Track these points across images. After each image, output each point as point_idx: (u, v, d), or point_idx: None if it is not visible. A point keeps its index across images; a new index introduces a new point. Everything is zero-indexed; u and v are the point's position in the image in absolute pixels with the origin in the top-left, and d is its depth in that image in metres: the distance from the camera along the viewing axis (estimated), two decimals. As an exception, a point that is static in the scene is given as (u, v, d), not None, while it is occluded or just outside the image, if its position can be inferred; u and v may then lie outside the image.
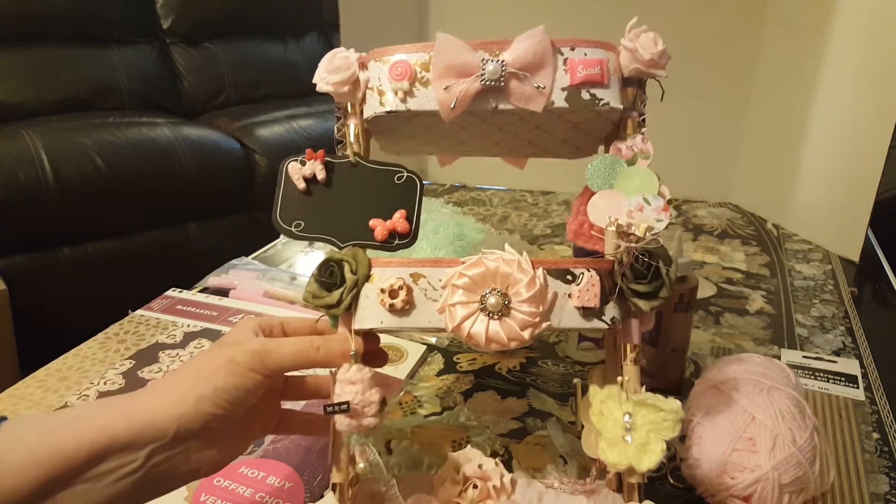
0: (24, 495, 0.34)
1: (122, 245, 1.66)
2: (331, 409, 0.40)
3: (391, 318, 0.41)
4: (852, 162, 0.93)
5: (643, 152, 0.45)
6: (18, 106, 1.81)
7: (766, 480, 0.45)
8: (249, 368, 0.40)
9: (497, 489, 0.44)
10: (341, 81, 0.44)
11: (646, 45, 0.43)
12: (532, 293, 0.39)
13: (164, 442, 0.37)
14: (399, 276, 0.41)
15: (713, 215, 1.14)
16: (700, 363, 0.68)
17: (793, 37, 1.01)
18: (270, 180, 1.89)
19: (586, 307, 0.41)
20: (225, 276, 0.87)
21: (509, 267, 0.39)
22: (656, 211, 0.42)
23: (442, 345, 0.72)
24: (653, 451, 0.39)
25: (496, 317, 0.39)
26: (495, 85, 0.41)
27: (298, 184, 0.44)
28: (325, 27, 2.54)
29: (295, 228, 0.44)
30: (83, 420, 0.36)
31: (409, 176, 0.45)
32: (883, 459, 0.54)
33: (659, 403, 0.40)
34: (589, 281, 0.41)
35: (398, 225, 0.43)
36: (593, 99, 0.43)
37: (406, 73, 0.42)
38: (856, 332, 0.75)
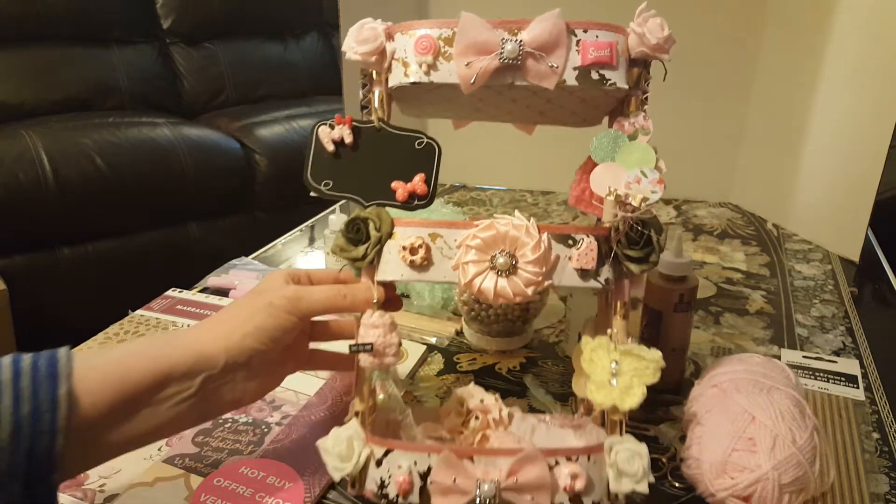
0: (103, 412, 0.39)
1: (122, 245, 1.66)
2: (356, 348, 0.46)
3: (410, 272, 0.46)
4: (852, 162, 0.93)
5: (643, 129, 0.48)
6: (18, 106, 1.81)
7: (766, 480, 0.45)
8: (286, 311, 0.46)
9: (496, 421, 0.50)
10: (369, 52, 0.47)
11: (653, 29, 0.46)
12: (537, 255, 0.44)
13: (215, 372, 0.43)
14: (419, 236, 0.46)
15: (713, 215, 1.14)
16: (700, 363, 0.68)
17: (793, 37, 1.01)
18: (270, 180, 1.89)
19: (584, 269, 0.45)
20: (225, 276, 0.87)
21: (518, 231, 0.44)
22: (652, 183, 0.46)
23: (442, 345, 0.72)
24: (634, 394, 0.44)
25: (504, 275, 0.44)
26: (513, 63, 0.45)
27: (328, 146, 0.48)
28: (325, 27, 2.54)
29: (324, 187, 0.48)
30: (148, 351, 0.42)
31: (428, 142, 0.48)
32: (883, 459, 0.54)
33: (643, 353, 0.45)
34: (588, 245, 0.45)
35: (418, 187, 0.47)
36: (602, 79, 0.46)
37: (430, 47, 0.46)
38: (856, 332, 0.75)
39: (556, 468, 0.43)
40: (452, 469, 0.42)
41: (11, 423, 0.36)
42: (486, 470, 0.42)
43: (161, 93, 2.13)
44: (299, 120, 2.05)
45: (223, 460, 0.53)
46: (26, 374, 0.37)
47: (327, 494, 0.51)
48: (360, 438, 0.45)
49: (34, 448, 0.36)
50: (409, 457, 0.44)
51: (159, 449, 0.55)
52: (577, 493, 0.43)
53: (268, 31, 2.41)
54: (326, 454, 0.45)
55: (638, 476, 0.43)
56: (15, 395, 0.36)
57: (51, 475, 0.37)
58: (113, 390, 0.40)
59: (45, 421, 0.36)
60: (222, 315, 0.46)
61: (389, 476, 0.44)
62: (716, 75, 1.10)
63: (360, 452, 0.44)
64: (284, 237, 1.06)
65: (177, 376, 0.42)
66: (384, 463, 0.44)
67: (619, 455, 0.43)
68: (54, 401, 0.37)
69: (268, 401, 0.61)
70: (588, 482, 0.43)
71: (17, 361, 0.38)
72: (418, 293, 0.78)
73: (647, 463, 0.43)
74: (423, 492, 0.43)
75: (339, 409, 0.60)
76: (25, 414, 0.36)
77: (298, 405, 0.60)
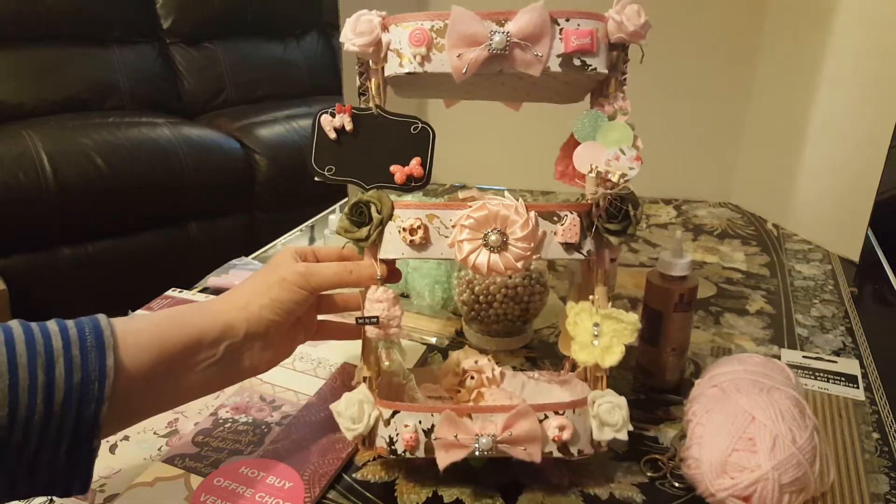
0: (143, 376, 0.42)
1: (122, 245, 1.66)
2: (362, 320, 0.50)
3: (410, 251, 0.50)
4: (852, 162, 0.93)
5: (622, 109, 0.51)
6: (18, 106, 1.81)
7: (766, 480, 0.45)
8: (297, 286, 0.49)
9: (489, 379, 0.55)
10: (366, 43, 0.49)
11: (630, 16, 0.49)
12: (525, 233, 0.47)
13: (237, 340, 0.47)
14: (417, 217, 0.49)
15: (713, 215, 1.14)
16: (700, 363, 0.68)
17: (793, 37, 1.01)
18: (270, 180, 1.89)
19: (568, 242, 0.49)
20: (225, 276, 0.87)
21: (507, 211, 0.48)
22: (630, 160, 0.49)
23: (442, 345, 0.72)
24: (614, 353, 0.49)
25: (496, 251, 0.48)
26: (501, 53, 0.47)
27: (330, 134, 0.51)
28: (325, 27, 2.54)
29: (328, 173, 0.51)
30: (182, 319, 0.46)
31: (423, 126, 0.51)
32: (883, 459, 0.54)
33: (621, 317, 0.50)
34: (571, 221, 0.49)
35: (414, 171, 0.50)
36: (583, 65, 0.49)
37: (424, 39, 0.48)
38: (856, 332, 0.75)
39: (546, 421, 0.48)
40: (453, 426, 0.47)
41: (64, 390, 0.38)
42: (483, 425, 0.47)
43: (161, 93, 2.13)
44: (299, 120, 2.05)
45: (223, 460, 0.53)
46: (75, 343, 0.39)
47: (327, 494, 0.51)
48: (369, 402, 0.50)
49: (81, 414, 0.39)
50: (414, 416, 0.49)
51: (159, 449, 0.55)
52: (565, 443, 0.48)
53: (268, 31, 2.41)
54: (339, 416, 0.50)
55: (618, 426, 0.49)
56: (67, 364, 0.38)
57: (92, 439, 0.40)
58: (153, 355, 0.43)
59: (94, 389, 0.39)
60: (240, 289, 0.50)
61: (397, 434, 0.49)
62: (716, 75, 1.10)
63: (369, 414, 0.49)
64: (284, 237, 1.06)
65: (206, 343, 0.46)
66: (392, 423, 0.49)
67: (601, 407, 0.49)
68: (102, 370, 0.39)
69: (268, 401, 0.61)
70: (574, 432, 0.48)
71: (65, 330, 0.40)
72: (418, 293, 0.78)
73: (626, 414, 0.49)
74: (427, 446, 0.48)
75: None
76: (76, 382, 0.38)
77: (298, 405, 0.60)
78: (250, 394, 0.62)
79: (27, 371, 0.37)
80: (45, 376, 0.37)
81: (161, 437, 0.56)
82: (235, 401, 0.61)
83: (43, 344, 0.38)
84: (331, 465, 0.53)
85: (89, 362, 0.39)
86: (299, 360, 0.68)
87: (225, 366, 0.47)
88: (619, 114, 0.51)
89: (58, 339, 0.39)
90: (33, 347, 0.38)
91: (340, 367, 0.67)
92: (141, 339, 0.43)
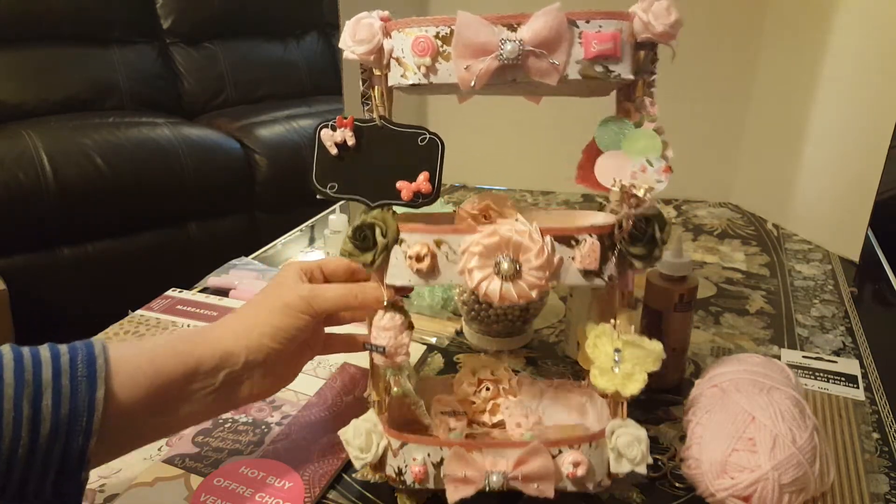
0: (135, 407, 0.41)
1: (122, 245, 1.66)
2: (369, 347, 0.48)
3: (417, 278, 0.46)
4: (852, 162, 0.93)
5: (649, 115, 0.46)
6: (18, 106, 1.81)
7: (766, 480, 0.45)
8: (300, 311, 0.48)
9: (506, 390, 0.53)
10: (367, 52, 0.46)
11: (659, 14, 0.44)
12: (541, 261, 0.43)
13: (237, 368, 0.46)
14: (424, 243, 0.45)
15: (713, 215, 1.14)
16: (700, 363, 0.68)
17: (793, 37, 1.01)
18: (270, 180, 1.89)
19: (588, 270, 0.45)
20: (225, 276, 0.87)
21: (521, 237, 0.43)
22: (658, 172, 0.45)
23: (442, 345, 0.72)
24: (636, 380, 0.45)
25: (508, 279, 0.44)
26: (513, 63, 0.43)
27: (331, 149, 0.47)
28: (325, 27, 2.54)
29: (330, 190, 0.48)
30: (178, 347, 0.44)
31: (431, 138, 0.47)
32: (883, 459, 0.54)
33: (645, 344, 0.46)
34: (590, 247, 0.45)
35: (422, 187, 0.47)
36: (606, 71, 0.44)
37: (428, 48, 0.44)
38: (856, 332, 0.75)
39: (560, 456, 0.46)
40: (463, 462, 0.45)
41: (50, 423, 0.37)
42: (494, 461, 0.45)
43: (161, 93, 2.13)
44: (299, 120, 2.05)
45: (223, 460, 0.53)
46: (65, 372, 0.38)
47: (327, 494, 0.51)
48: (377, 431, 0.48)
49: (68, 447, 0.38)
50: (423, 449, 0.47)
51: (159, 449, 0.55)
52: (580, 478, 0.46)
53: (268, 31, 2.41)
54: (348, 445, 0.49)
55: (637, 460, 0.46)
56: (55, 396, 0.37)
57: (80, 472, 0.39)
58: (146, 385, 0.41)
59: (82, 423, 0.38)
60: (241, 314, 0.49)
61: (406, 465, 0.47)
62: (716, 75, 1.10)
63: (378, 444, 0.48)
64: (284, 237, 1.06)
65: (203, 372, 0.44)
66: (400, 454, 0.47)
67: (620, 439, 0.46)
68: (92, 404, 0.38)
69: (268, 401, 0.61)
70: (589, 468, 0.46)
71: (56, 358, 0.39)
72: (418, 293, 0.78)
73: (647, 447, 0.46)
74: (437, 479, 0.47)
75: (339, 409, 0.60)
76: (64, 415, 0.37)
77: (298, 405, 0.60)
78: (250, 394, 0.62)
79: (12, 402, 0.36)
80: (31, 408, 0.37)
81: (161, 437, 0.56)
82: (235, 401, 0.61)
83: (32, 373, 0.37)
84: (331, 465, 0.53)
85: (79, 394, 0.38)
86: (299, 360, 0.68)
87: (223, 394, 0.46)
88: (646, 120, 0.46)
89: (48, 369, 0.38)
90: (21, 377, 0.37)
91: (340, 367, 0.67)
92: (135, 366, 0.42)
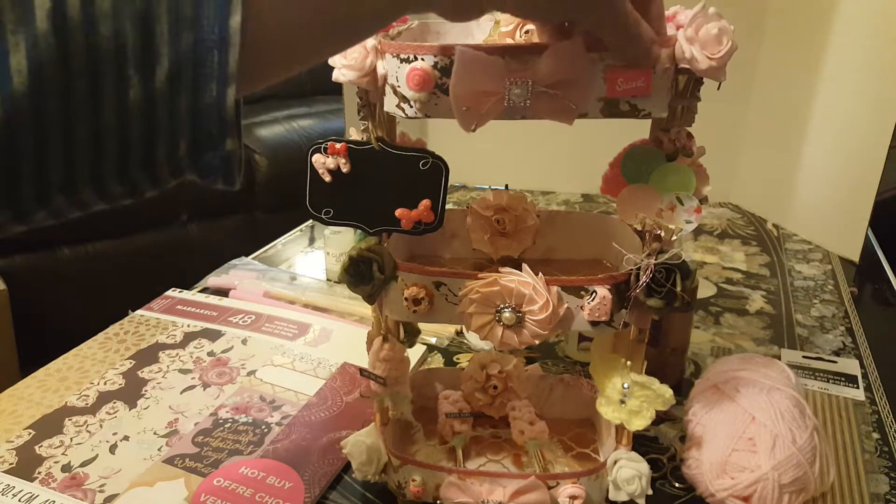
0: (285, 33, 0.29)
1: (122, 245, 1.66)
2: (367, 374, 0.48)
3: (415, 317, 0.44)
4: (852, 162, 0.93)
5: (685, 149, 0.41)
6: (18, 106, 1.81)
7: (766, 480, 0.45)
8: None
9: (513, 388, 0.52)
10: (358, 77, 0.41)
11: (707, 42, 0.37)
12: (545, 315, 0.41)
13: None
14: (422, 285, 0.43)
15: (713, 215, 1.14)
16: (700, 363, 0.68)
17: (793, 36, 1.01)
18: (270, 180, 1.89)
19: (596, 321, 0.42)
20: (225, 276, 0.87)
21: (524, 289, 0.41)
22: (689, 212, 0.40)
23: (442, 345, 0.72)
24: (644, 417, 0.44)
25: (510, 328, 0.42)
26: (522, 105, 0.38)
27: (324, 177, 0.43)
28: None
29: (325, 216, 0.44)
30: None
31: (434, 162, 0.42)
32: (883, 459, 0.54)
33: (654, 386, 0.44)
34: (601, 300, 0.41)
35: (423, 216, 0.43)
36: (633, 109, 0.39)
37: (425, 82, 0.38)
38: (856, 332, 0.75)
39: (556, 489, 0.46)
40: (459, 490, 0.46)
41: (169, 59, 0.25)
42: (491, 489, 0.46)
43: (161, 93, 2.13)
44: (299, 120, 2.05)
45: (223, 460, 0.53)
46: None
47: (327, 494, 0.51)
48: (377, 449, 0.49)
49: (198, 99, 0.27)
50: (421, 471, 0.48)
51: (159, 449, 0.55)
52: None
53: (268, 31, 2.41)
54: (350, 457, 0.49)
55: (636, 493, 0.46)
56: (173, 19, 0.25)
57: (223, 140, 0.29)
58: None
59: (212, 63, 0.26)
60: None
61: (406, 482, 0.48)
62: (716, 75, 1.10)
63: (378, 460, 0.49)
64: (284, 237, 1.06)
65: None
66: (400, 471, 0.49)
67: (622, 472, 0.46)
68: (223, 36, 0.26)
69: (268, 401, 0.61)
70: (586, 499, 0.46)
71: None
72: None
73: (647, 481, 0.46)
74: (435, 496, 0.48)
75: (339, 409, 0.60)
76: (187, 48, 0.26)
77: (298, 405, 0.60)
78: (250, 394, 0.62)
79: None
80: None
81: (161, 437, 0.56)
82: (235, 401, 0.61)
83: None
84: (331, 465, 0.53)
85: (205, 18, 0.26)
86: (299, 360, 0.68)
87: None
88: (681, 154, 0.41)
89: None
90: None
91: (340, 367, 0.67)
92: None
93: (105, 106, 0.25)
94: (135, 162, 0.27)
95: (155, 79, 0.26)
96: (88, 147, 0.26)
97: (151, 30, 0.25)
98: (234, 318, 0.76)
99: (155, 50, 0.25)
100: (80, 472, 0.52)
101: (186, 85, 0.26)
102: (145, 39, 0.25)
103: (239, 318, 0.76)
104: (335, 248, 0.87)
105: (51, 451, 0.54)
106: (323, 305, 0.80)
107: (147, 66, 0.25)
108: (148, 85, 0.26)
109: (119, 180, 0.28)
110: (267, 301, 0.81)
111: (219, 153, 0.29)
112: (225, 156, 0.29)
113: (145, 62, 0.25)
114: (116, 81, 0.25)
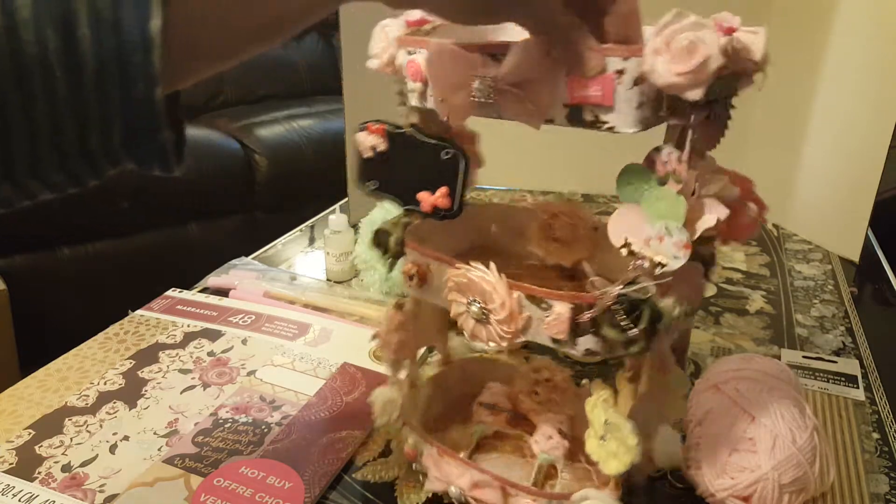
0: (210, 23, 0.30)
1: (122, 245, 1.66)
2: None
3: (412, 291, 0.48)
4: (852, 162, 0.93)
5: (675, 174, 0.37)
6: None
7: (766, 480, 0.45)
8: None
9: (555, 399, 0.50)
10: (381, 66, 0.45)
11: (678, 55, 0.33)
12: (503, 316, 0.41)
13: None
14: (416, 262, 0.47)
15: (713, 215, 1.14)
16: (700, 363, 0.68)
17: (793, 36, 1.01)
18: (270, 180, 1.89)
19: (556, 338, 0.40)
20: (225, 276, 0.87)
21: (487, 286, 0.41)
22: (676, 246, 0.36)
23: (442, 345, 0.72)
24: (619, 461, 0.40)
25: (479, 322, 0.42)
26: (488, 101, 0.39)
27: (364, 153, 0.47)
28: (325, 27, 2.54)
29: (371, 186, 0.49)
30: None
31: (454, 153, 0.45)
32: (883, 459, 0.54)
33: (624, 436, 0.40)
34: (556, 317, 0.39)
35: (440, 202, 0.45)
36: (596, 121, 0.36)
37: (418, 74, 0.42)
38: (856, 332, 0.75)
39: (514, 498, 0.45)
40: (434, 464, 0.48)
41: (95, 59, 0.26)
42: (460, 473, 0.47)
43: (161, 93, 2.13)
44: (299, 120, 2.05)
45: (223, 460, 0.53)
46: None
47: (327, 494, 0.51)
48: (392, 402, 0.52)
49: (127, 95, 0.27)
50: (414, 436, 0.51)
51: (159, 449, 0.55)
52: None
53: (268, 31, 2.41)
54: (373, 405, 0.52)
55: None
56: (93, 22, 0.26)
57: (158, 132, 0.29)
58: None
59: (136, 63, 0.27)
60: None
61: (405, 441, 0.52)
62: (716, 75, 1.10)
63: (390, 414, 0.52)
64: (284, 237, 1.06)
65: None
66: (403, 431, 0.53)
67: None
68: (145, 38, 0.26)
69: (268, 401, 0.61)
70: None
71: None
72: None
73: None
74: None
75: (339, 409, 0.60)
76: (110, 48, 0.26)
77: (298, 405, 0.60)
78: (250, 394, 0.62)
79: None
80: None
81: (161, 437, 0.56)
82: (235, 401, 0.61)
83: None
84: (331, 465, 0.53)
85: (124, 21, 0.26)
86: (299, 360, 0.68)
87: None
88: (672, 179, 0.37)
89: None
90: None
91: (340, 367, 0.67)
92: None
93: (36, 103, 0.26)
94: (71, 154, 0.29)
95: (83, 77, 0.27)
96: (24, 141, 0.27)
97: (73, 33, 0.26)
98: (234, 318, 0.76)
99: (80, 51, 0.26)
100: (80, 472, 0.52)
101: (114, 83, 0.27)
102: (68, 43, 0.26)
103: (239, 318, 0.76)
104: (335, 248, 0.87)
105: (51, 451, 0.54)
106: (323, 305, 0.80)
107: (73, 67, 0.26)
108: (76, 83, 0.27)
109: (60, 170, 0.29)
110: (267, 301, 0.81)
111: (155, 144, 0.30)
112: (160, 146, 0.30)
113: (71, 63, 0.26)
114: (44, 81, 0.26)
